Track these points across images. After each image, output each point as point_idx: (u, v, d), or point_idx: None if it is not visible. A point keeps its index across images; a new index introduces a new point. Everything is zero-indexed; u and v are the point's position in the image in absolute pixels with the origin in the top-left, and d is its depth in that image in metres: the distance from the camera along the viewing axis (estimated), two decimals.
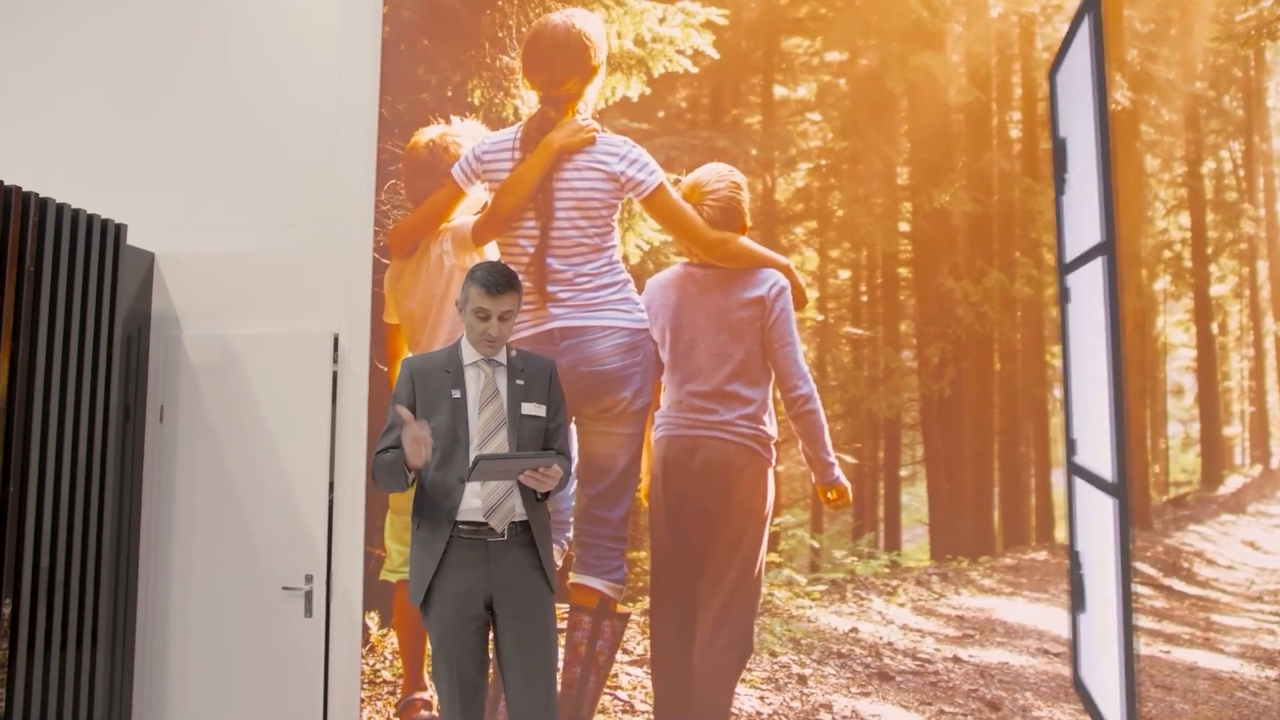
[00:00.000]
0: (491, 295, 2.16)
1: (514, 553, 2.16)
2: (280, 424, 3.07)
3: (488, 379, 2.21)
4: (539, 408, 2.24)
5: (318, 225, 3.15)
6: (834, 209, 2.78)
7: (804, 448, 2.69)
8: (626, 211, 2.86)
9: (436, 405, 2.19)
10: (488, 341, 2.18)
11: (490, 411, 2.19)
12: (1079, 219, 2.57)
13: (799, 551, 2.68)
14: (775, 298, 2.73)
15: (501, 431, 2.18)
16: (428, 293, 2.98)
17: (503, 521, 2.15)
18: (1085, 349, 2.55)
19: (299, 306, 3.12)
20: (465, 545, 2.14)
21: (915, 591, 2.63)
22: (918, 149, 2.72)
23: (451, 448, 2.16)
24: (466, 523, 2.15)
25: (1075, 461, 2.56)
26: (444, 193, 3.00)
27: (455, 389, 2.18)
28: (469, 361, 2.23)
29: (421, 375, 2.23)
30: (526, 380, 2.25)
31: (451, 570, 2.13)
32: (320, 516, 3.03)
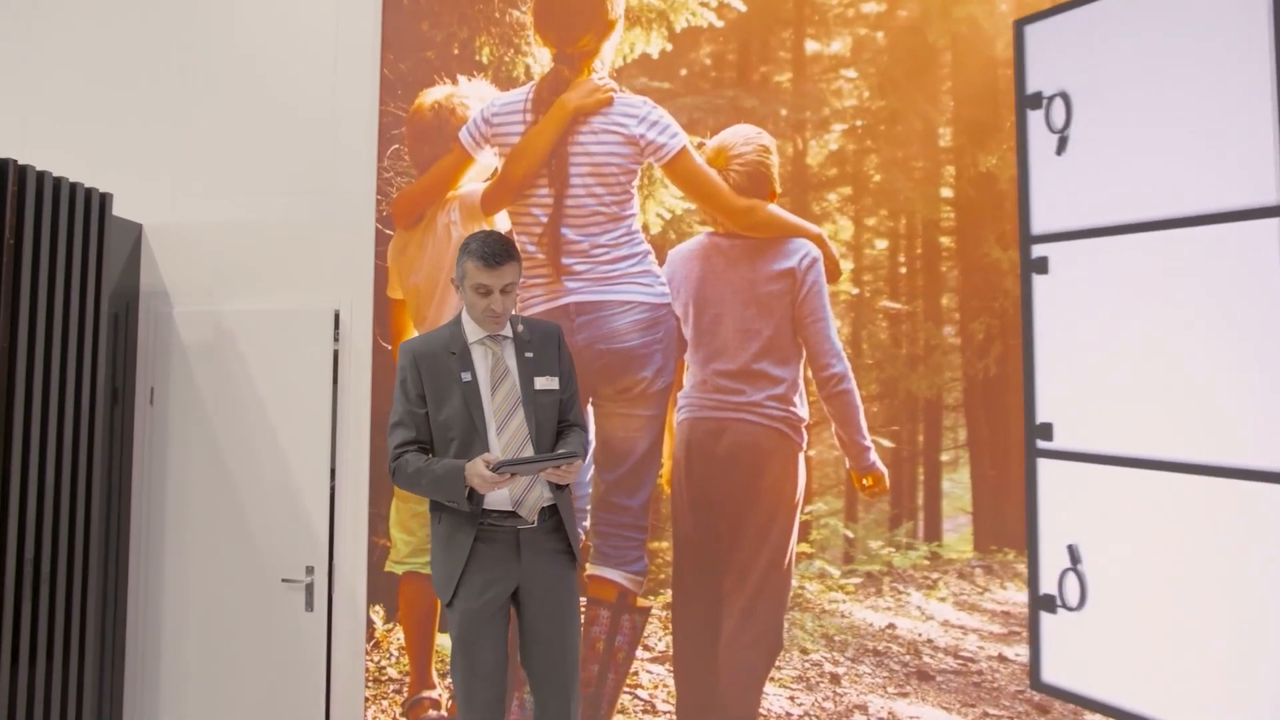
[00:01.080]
0: (490, 268, 2.11)
1: (543, 539, 2.16)
2: (278, 406, 3.04)
3: (496, 357, 2.18)
4: (552, 380, 2.21)
5: (317, 194, 3.11)
6: (870, 173, 2.69)
7: (837, 430, 2.62)
8: (646, 178, 2.79)
9: (446, 391, 2.15)
10: (492, 318, 2.14)
11: (504, 392, 2.16)
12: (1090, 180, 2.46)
13: (832, 542, 2.62)
14: (807, 269, 2.67)
15: (518, 412, 2.15)
16: (434, 265, 2.93)
17: (533, 510, 2.14)
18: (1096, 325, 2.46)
19: (297, 281, 3.08)
20: (494, 536, 2.13)
21: (957, 585, 2.57)
22: (961, 107, 2.63)
23: (469, 435, 2.13)
24: (495, 512, 2.13)
25: (1049, 446, 2.46)
26: (451, 158, 2.95)
27: (464, 371, 2.15)
28: (474, 339, 2.20)
29: (426, 360, 2.18)
30: (535, 352, 2.21)
31: (481, 562, 2.12)
32: (321, 504, 3.00)
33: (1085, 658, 2.40)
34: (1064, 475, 2.45)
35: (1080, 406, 2.44)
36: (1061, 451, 2.45)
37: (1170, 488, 2.31)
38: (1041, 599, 2.47)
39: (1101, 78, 2.46)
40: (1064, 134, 2.49)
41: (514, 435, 2.15)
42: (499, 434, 2.13)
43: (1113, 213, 2.42)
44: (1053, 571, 2.45)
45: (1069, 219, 2.50)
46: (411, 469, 2.14)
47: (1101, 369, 2.42)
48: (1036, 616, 2.46)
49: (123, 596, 3.08)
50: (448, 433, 2.14)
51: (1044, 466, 2.46)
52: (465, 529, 2.12)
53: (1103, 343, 2.43)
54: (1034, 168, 2.54)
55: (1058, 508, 2.46)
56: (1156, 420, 2.33)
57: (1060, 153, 2.49)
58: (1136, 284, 2.39)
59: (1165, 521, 2.33)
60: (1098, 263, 2.46)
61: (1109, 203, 2.43)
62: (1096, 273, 2.46)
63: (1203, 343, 2.29)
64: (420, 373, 2.18)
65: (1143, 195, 2.38)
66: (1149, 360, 2.36)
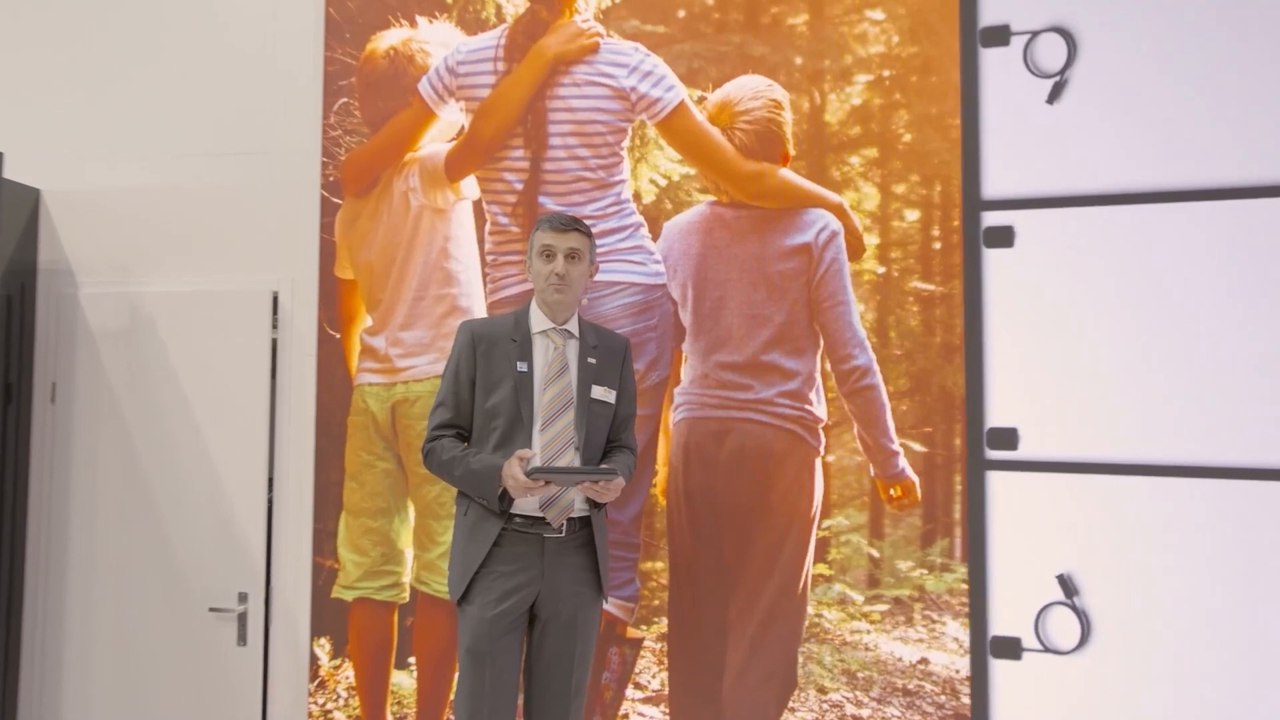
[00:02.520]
0: (556, 231, 2.24)
1: (570, 554, 2.22)
2: (206, 405, 2.93)
3: (557, 350, 2.25)
4: (609, 393, 2.28)
5: (250, 155, 3.00)
6: (900, 132, 2.58)
7: (860, 432, 2.54)
8: (638, 138, 2.70)
9: (500, 379, 2.23)
10: (556, 285, 2.22)
11: (557, 389, 2.22)
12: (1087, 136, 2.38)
13: (854, 562, 2.54)
14: (825, 245, 2.57)
15: (568, 414, 2.21)
16: (390, 239, 2.82)
17: (560, 516, 2.19)
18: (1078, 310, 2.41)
19: (228, 257, 2.98)
20: (519, 539, 2.19)
21: None
22: None
23: (513, 427, 2.20)
24: (522, 515, 2.19)
25: (1010, 456, 2.43)
26: (409, 114, 2.84)
27: (521, 361, 2.23)
28: (538, 329, 2.27)
29: (485, 342, 2.26)
30: (599, 360, 2.29)
31: (501, 564, 2.18)
32: (257, 520, 2.89)
33: (1088, 712, 2.37)
34: (1033, 490, 2.42)
35: (1053, 407, 2.41)
36: (1030, 462, 2.42)
37: (1175, 496, 2.30)
38: (997, 643, 2.43)
39: (1114, 16, 2.39)
40: (1061, 78, 2.42)
41: (558, 436, 2.20)
42: (543, 431, 2.19)
43: (1108, 178, 2.38)
44: (1014, 608, 2.41)
45: (1052, 181, 2.44)
46: (446, 456, 2.21)
47: (1080, 362, 2.39)
48: (983, 666, 2.42)
49: (16, 629, 2.98)
50: (492, 420, 2.21)
51: (1004, 481, 2.43)
52: (490, 524, 2.19)
53: (1083, 331, 2.40)
54: (996, 117, 2.48)
55: (1026, 529, 2.42)
56: (1149, 419, 2.32)
57: (1054, 100, 2.43)
58: (1129, 263, 2.37)
59: (1174, 536, 2.32)
60: (1079, 236, 2.41)
61: (1106, 165, 2.39)
62: (1077, 248, 2.41)
63: (1208, 332, 2.29)
64: (476, 355, 2.25)
65: (1146, 160, 2.35)
66: (1140, 352, 2.34)
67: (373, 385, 2.81)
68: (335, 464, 2.81)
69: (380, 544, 2.78)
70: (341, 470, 2.80)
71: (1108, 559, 2.34)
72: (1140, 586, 2.32)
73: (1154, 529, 2.31)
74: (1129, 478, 2.32)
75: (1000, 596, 2.41)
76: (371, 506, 2.77)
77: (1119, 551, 2.33)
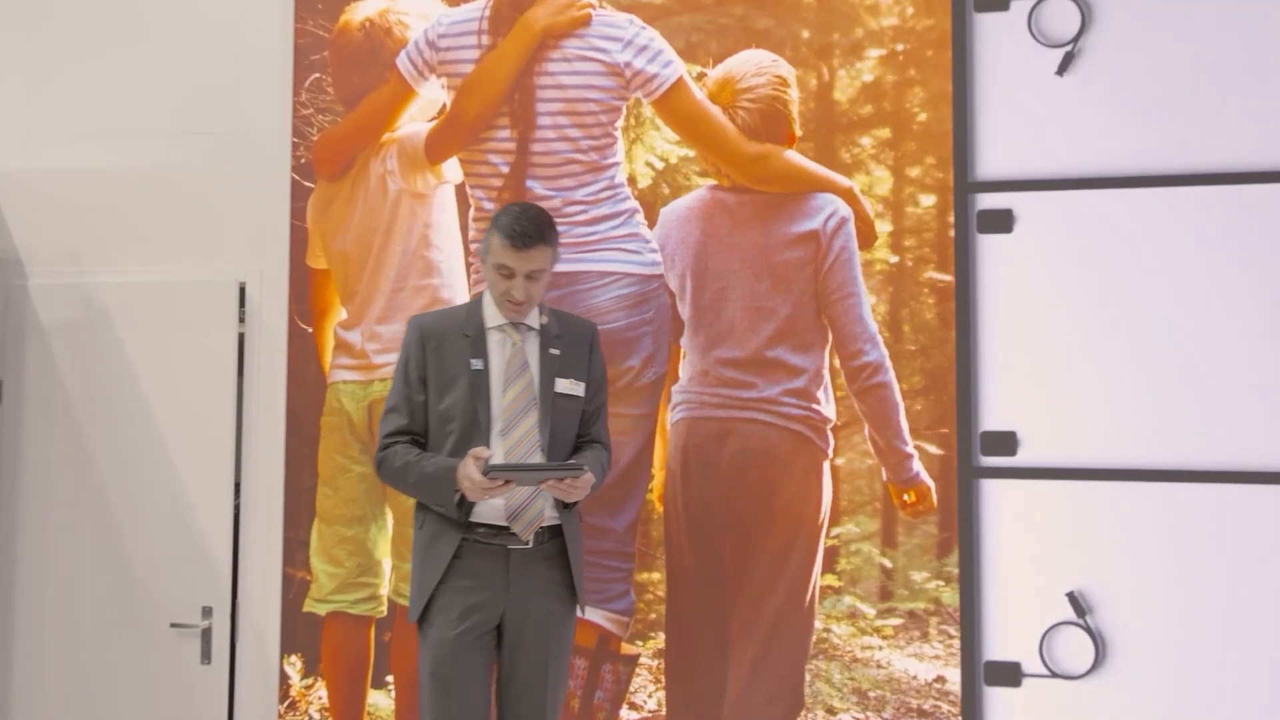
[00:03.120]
0: (516, 249, 2.14)
1: (539, 566, 2.18)
2: (167, 405, 2.89)
3: (515, 347, 2.22)
4: (577, 385, 2.23)
5: (214, 135, 2.95)
6: (914, 111, 2.58)
7: (871, 434, 2.54)
8: (633, 117, 2.69)
9: (453, 378, 2.20)
10: (511, 306, 2.19)
11: (518, 389, 2.19)
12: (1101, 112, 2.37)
13: (865, 573, 2.55)
14: (834, 232, 2.57)
15: (531, 414, 2.19)
16: (366, 226, 2.81)
17: (529, 528, 2.15)
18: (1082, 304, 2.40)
19: (191, 245, 2.94)
20: (481, 552, 2.16)
21: None
22: None
23: (469, 431, 2.17)
24: (485, 525, 2.16)
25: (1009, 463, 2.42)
26: (386, 91, 2.81)
27: (476, 358, 2.20)
28: (493, 324, 2.24)
29: (434, 339, 2.22)
30: (563, 350, 2.24)
31: (461, 579, 2.15)
32: (223, 529, 2.85)
33: None
34: (1036, 499, 2.40)
35: (1058, 407, 2.39)
36: (1031, 468, 2.40)
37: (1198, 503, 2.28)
38: (993, 669, 2.41)
39: None
40: (1072, 48, 2.40)
41: (522, 440, 2.17)
42: (504, 435, 2.16)
43: (1121, 158, 2.35)
44: (1015, 630, 2.40)
45: (1058, 161, 2.42)
46: (399, 462, 2.18)
47: (1087, 358, 2.37)
48: (976, 695, 2.42)
49: None
50: (446, 425, 2.19)
51: (1001, 490, 2.43)
52: (448, 537, 2.15)
53: (1090, 324, 2.38)
54: (995, 89, 2.46)
55: (1028, 544, 2.41)
56: (1166, 420, 2.30)
57: (1064, 72, 2.41)
58: (1143, 251, 2.33)
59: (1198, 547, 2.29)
60: (1088, 221, 2.38)
61: (1120, 144, 2.36)
62: (1085, 234, 2.38)
63: (1230, 326, 2.26)
64: (425, 353, 2.21)
65: (1165, 139, 2.32)
66: (1155, 347, 2.31)
67: (348, 383, 2.78)
68: (307, 468, 2.77)
69: (356, 554, 2.75)
70: (314, 475, 2.76)
71: (1124, 574, 2.30)
72: (1161, 603, 2.27)
73: (1175, 539, 2.27)
74: (1144, 484, 2.27)
75: (997, 618, 2.39)
76: (347, 513, 2.73)
77: (1136, 565, 2.29)
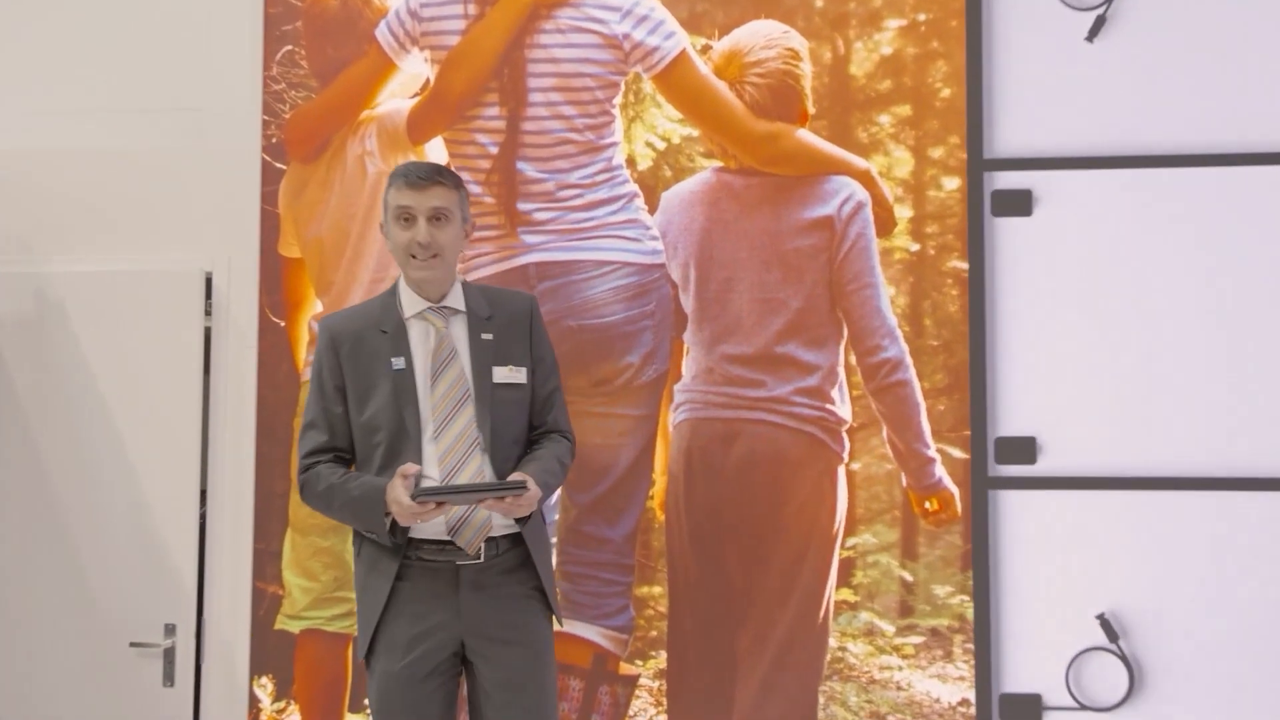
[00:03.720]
0: (413, 188, 2.05)
1: (496, 582, 2.05)
2: (127, 405, 2.81)
3: (440, 335, 2.09)
4: (517, 372, 2.10)
5: (178, 113, 2.88)
6: (937, 86, 2.54)
7: (890, 436, 2.51)
8: (632, 94, 2.64)
9: (372, 383, 2.08)
10: (419, 258, 2.05)
11: (447, 382, 2.07)
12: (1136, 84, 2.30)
13: (884, 587, 2.52)
14: (849, 218, 2.54)
15: (465, 409, 2.06)
16: (343, 212, 2.75)
17: (475, 540, 2.02)
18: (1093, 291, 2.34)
19: (152, 232, 2.87)
20: (426, 572, 2.04)
21: None
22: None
23: (398, 441, 2.05)
24: (427, 541, 2.04)
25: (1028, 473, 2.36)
26: (365, 65, 2.75)
27: (396, 356, 2.08)
28: (412, 313, 2.11)
29: (348, 340, 2.10)
30: (496, 332, 2.11)
31: (405, 606, 2.03)
32: (187, 540, 2.77)
33: None
34: (1059, 512, 2.36)
35: (1082, 410, 2.35)
36: (1052, 478, 2.36)
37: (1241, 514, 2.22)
38: (1011, 702, 2.37)
39: None
40: (1105, 10, 2.36)
41: (457, 442, 2.05)
42: (436, 439, 2.04)
43: (1158, 134, 2.29)
44: (1036, 658, 2.35)
45: (1085, 137, 2.35)
46: (322, 486, 2.06)
47: (1115, 356, 2.32)
48: None
49: None
50: (372, 437, 2.06)
51: (1019, 502, 2.38)
52: (386, 562, 2.04)
53: (1119, 318, 2.33)
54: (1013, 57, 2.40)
55: (1050, 562, 2.36)
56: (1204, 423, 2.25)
57: (1094, 38, 2.37)
58: (1180, 237, 2.28)
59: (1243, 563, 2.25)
60: (1118, 204, 2.32)
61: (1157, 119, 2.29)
62: (1114, 218, 2.32)
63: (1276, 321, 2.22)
64: (339, 358, 2.10)
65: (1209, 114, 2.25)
66: (1191, 344, 2.26)
67: None
68: (280, 473, 2.68)
69: (333, 566, 2.67)
70: (287, 480, 2.67)
71: (1160, 593, 2.24)
72: (1203, 626, 2.20)
73: (1217, 554, 2.23)
74: (1182, 493, 2.22)
75: (1017, 645, 2.33)
76: (322, 523, 2.63)
77: (1174, 583, 2.23)
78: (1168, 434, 2.24)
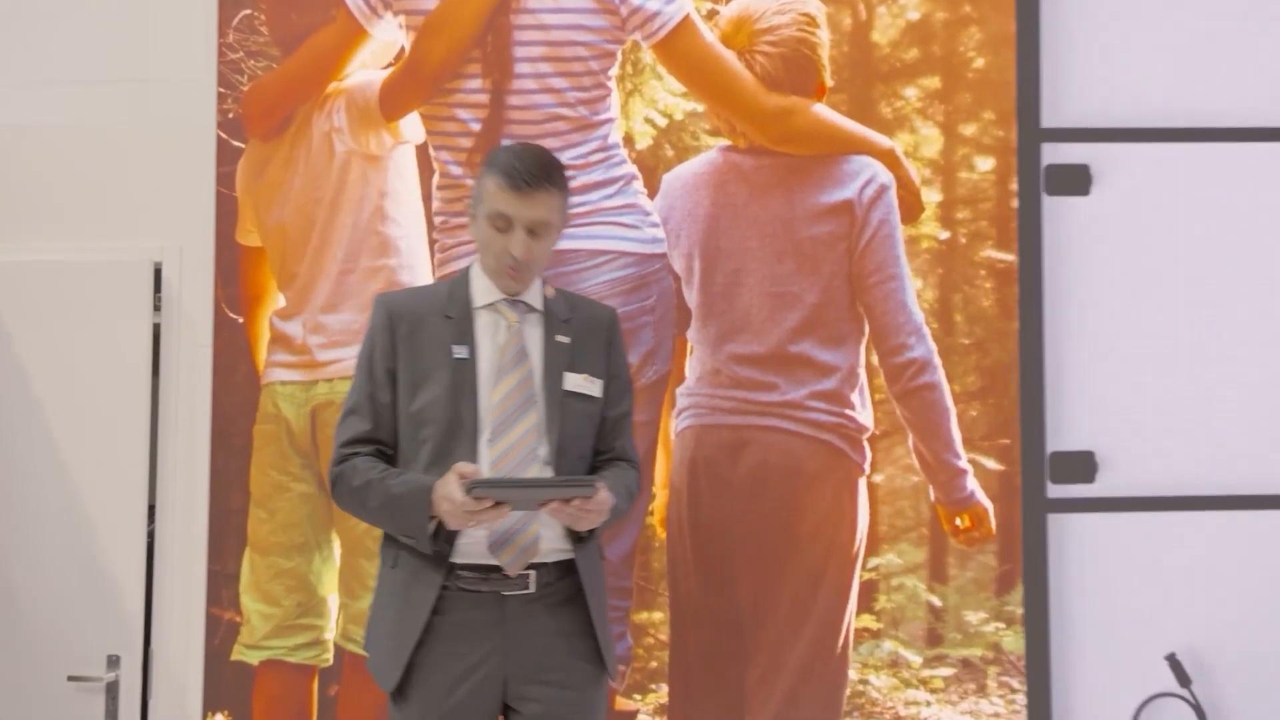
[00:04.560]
0: (517, 192, 1.93)
1: (545, 616, 1.97)
2: (66, 410, 2.74)
3: (511, 331, 2.01)
4: (592, 383, 2.01)
5: (123, 84, 2.82)
6: (970, 55, 2.52)
7: (916, 445, 2.50)
8: (630, 65, 2.62)
9: (429, 370, 2.00)
10: (509, 269, 1.97)
11: (513, 381, 1.99)
12: None
13: (909, 613, 2.51)
14: (871, 203, 2.52)
15: (528, 416, 1.97)
16: (308, 195, 2.69)
17: (519, 560, 1.93)
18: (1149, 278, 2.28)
19: (95, 218, 2.80)
20: (467, 601, 1.95)
21: None
22: None
23: (450, 438, 1.96)
24: (469, 567, 1.95)
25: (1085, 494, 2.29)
26: (332, 32, 2.69)
27: (459, 344, 1.99)
28: (483, 302, 2.04)
29: (407, 321, 2.02)
30: (574, 336, 2.04)
31: (444, 644, 1.94)
32: (133, 562, 2.69)
33: None
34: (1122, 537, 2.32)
35: (1147, 421, 2.30)
36: (1115, 499, 2.31)
37: None
38: None
39: None
40: None
41: (515, 448, 1.97)
42: (492, 442, 1.95)
43: (1236, 103, 2.19)
44: (1098, 704, 2.29)
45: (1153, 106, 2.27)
46: (358, 480, 1.95)
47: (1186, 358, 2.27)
48: None
49: None
50: (420, 431, 1.97)
51: (1077, 526, 2.34)
52: (426, 582, 1.93)
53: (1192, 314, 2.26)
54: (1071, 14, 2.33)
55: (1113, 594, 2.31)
56: None
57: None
58: (1263, 220, 2.18)
59: None
60: (1190, 181, 2.23)
61: (1235, 87, 2.19)
62: (1186, 197, 2.23)
63: None
64: (395, 339, 2.00)
65: None
66: (1272, 344, 2.19)
67: (286, 384, 2.66)
68: (237, 486, 2.62)
69: (296, 590, 2.61)
70: (245, 495, 2.62)
71: (1237, 631, 2.17)
72: None
73: None
74: (1261, 513, 2.11)
75: (1075, 690, 2.25)
76: (285, 541, 2.58)
77: (1254, 620, 2.16)
78: (1245, 446, 2.15)
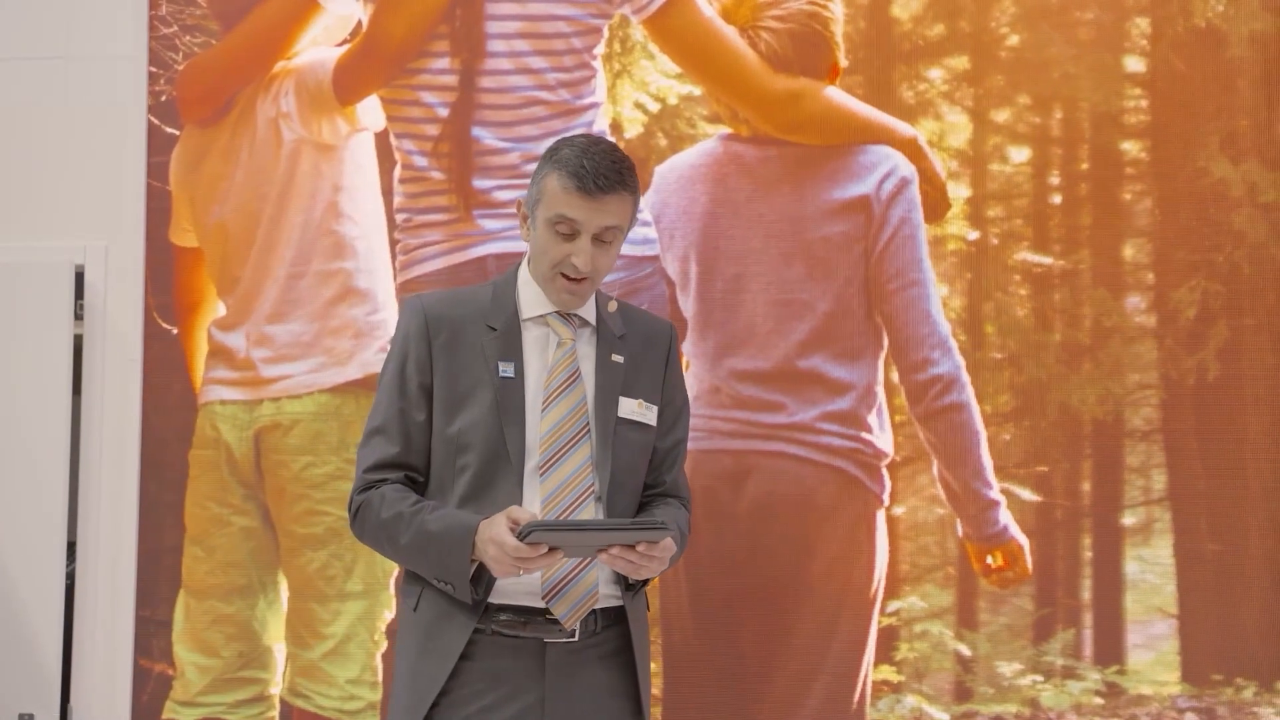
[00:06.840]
0: (587, 195, 1.82)
1: (589, 670, 1.89)
2: None
3: (564, 348, 1.92)
4: (648, 410, 1.92)
5: (38, 62, 2.76)
6: (1002, 33, 2.47)
7: (942, 472, 2.43)
8: (618, 42, 2.57)
9: (470, 388, 1.91)
10: (571, 284, 1.87)
11: (566, 407, 1.91)
12: None
13: (935, 663, 2.44)
14: (891, 199, 2.45)
15: (582, 447, 1.90)
16: (252, 189, 2.64)
17: (575, 614, 1.85)
18: None
19: (9, 214, 2.75)
20: (503, 648, 1.86)
21: None
22: None
23: (492, 469, 1.89)
24: (508, 608, 1.86)
25: None
26: (280, 4, 2.64)
27: (505, 360, 1.90)
28: (532, 314, 1.93)
29: (446, 329, 1.92)
30: (629, 357, 1.95)
31: (474, 689, 1.85)
32: (50, 606, 2.62)
33: None
34: None
35: None
36: None
37: None
38: None
39: None
40: None
41: (569, 484, 1.90)
42: (542, 475, 1.88)
43: None
44: None
45: None
46: (388, 512, 1.85)
47: None
48: None
49: None
50: (459, 458, 1.89)
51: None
52: (459, 621, 1.85)
53: None
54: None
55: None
56: None
57: None
58: None
59: None
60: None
61: None
62: None
63: None
64: (432, 350, 1.91)
65: None
66: None
67: (227, 404, 2.62)
68: (170, 521, 2.59)
69: (237, 639, 2.58)
70: (180, 530, 2.59)
71: None
72: None
73: None
74: None
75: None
76: (224, 583, 2.54)
77: None
78: None
